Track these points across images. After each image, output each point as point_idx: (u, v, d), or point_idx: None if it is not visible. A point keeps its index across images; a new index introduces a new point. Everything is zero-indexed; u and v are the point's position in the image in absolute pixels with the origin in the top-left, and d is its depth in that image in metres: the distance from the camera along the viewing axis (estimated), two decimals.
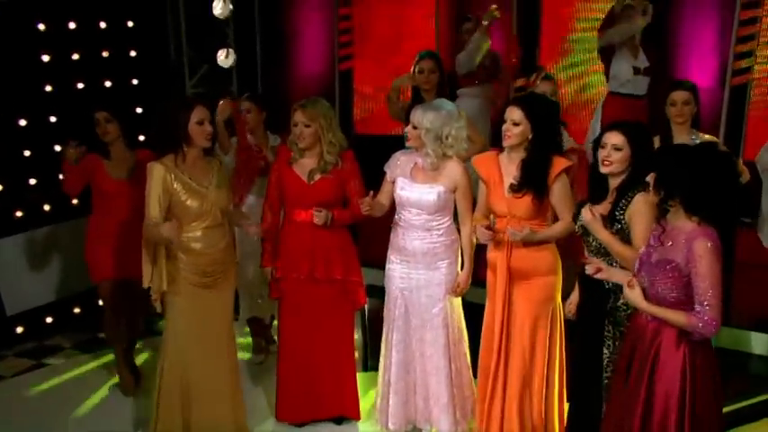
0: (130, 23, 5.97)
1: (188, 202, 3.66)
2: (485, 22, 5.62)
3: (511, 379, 3.67)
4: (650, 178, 2.90)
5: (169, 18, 6.52)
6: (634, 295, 2.89)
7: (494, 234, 3.63)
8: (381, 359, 4.03)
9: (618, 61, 5.48)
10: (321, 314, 4.05)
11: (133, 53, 6.02)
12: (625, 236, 3.27)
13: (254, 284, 4.79)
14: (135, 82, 6.03)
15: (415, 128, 3.75)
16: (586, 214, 3.27)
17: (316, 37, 7.43)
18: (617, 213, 3.28)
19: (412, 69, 4.90)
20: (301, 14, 7.34)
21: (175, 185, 3.65)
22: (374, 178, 4.00)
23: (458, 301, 3.93)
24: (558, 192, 3.60)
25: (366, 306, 4.50)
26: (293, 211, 4.01)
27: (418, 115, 3.74)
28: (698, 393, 2.83)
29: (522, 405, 3.68)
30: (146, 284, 3.71)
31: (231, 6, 6.14)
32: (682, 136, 4.12)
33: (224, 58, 6.26)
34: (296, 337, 4.08)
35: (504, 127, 3.58)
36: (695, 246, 2.75)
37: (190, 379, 3.80)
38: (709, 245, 2.74)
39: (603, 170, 3.35)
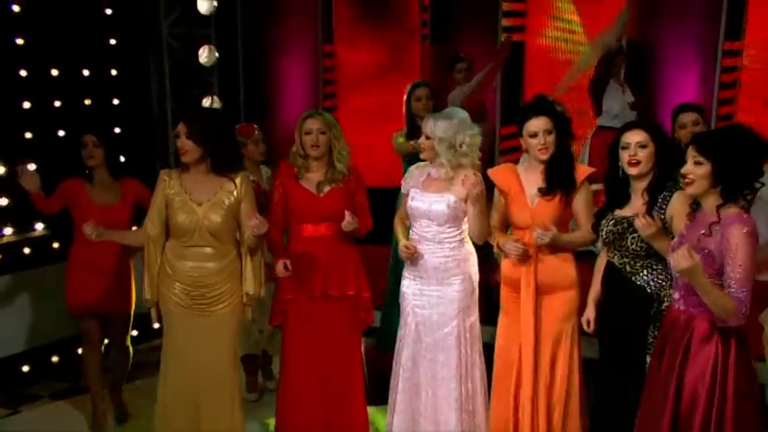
0: (114, 72, 5.91)
1: (177, 216, 3.53)
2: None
3: (538, 397, 3.55)
4: (701, 170, 2.77)
5: (152, 66, 6.48)
6: (693, 260, 2.62)
7: (526, 248, 3.52)
8: (392, 379, 3.88)
9: (609, 97, 5.59)
10: (331, 335, 3.88)
11: (116, 101, 5.95)
12: (669, 234, 3.17)
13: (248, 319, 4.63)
14: (117, 130, 5.94)
15: (428, 138, 3.69)
16: (642, 221, 3.11)
17: (299, 85, 7.44)
18: (656, 214, 3.19)
19: (405, 98, 4.90)
20: (285, 62, 7.36)
21: (171, 196, 3.54)
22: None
23: (475, 322, 3.79)
24: (583, 198, 3.53)
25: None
26: (302, 228, 3.86)
27: (430, 125, 3.68)
28: (730, 392, 2.73)
29: (551, 425, 3.57)
30: (146, 296, 3.60)
31: (217, 54, 6.12)
32: None
33: (209, 106, 6.21)
34: (304, 361, 3.88)
35: (538, 140, 3.49)
36: (730, 231, 2.67)
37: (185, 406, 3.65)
38: (745, 230, 2.66)
39: (632, 171, 3.25)
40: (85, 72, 5.70)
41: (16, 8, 5.21)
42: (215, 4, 6.02)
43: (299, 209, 3.85)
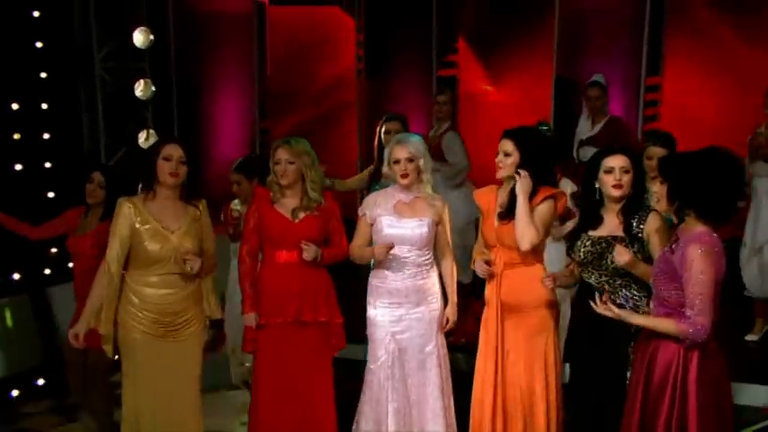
0: (44, 105, 5.77)
1: (147, 244, 3.46)
2: None
3: (512, 414, 3.62)
4: (657, 191, 2.98)
5: (84, 100, 6.36)
6: (614, 314, 2.99)
7: (492, 269, 3.61)
8: (363, 409, 3.86)
9: (579, 134, 5.78)
10: (303, 361, 3.86)
11: (47, 136, 5.80)
12: (644, 253, 3.33)
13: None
14: (48, 165, 5.79)
15: (411, 161, 3.74)
16: (623, 252, 3.25)
17: (234, 119, 7.43)
18: (633, 232, 3.34)
19: (378, 130, 4.92)
20: (219, 96, 7.34)
21: (137, 225, 3.46)
22: None
23: (444, 340, 3.88)
24: (538, 212, 3.56)
25: None
26: (276, 253, 3.84)
27: (409, 147, 3.75)
28: (691, 392, 2.87)
29: None
30: (101, 331, 3.52)
31: (153, 88, 6.06)
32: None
33: (144, 140, 6.13)
34: (277, 388, 3.85)
35: (497, 159, 3.62)
36: (687, 251, 2.82)
37: None
38: (700, 250, 2.80)
39: (616, 194, 3.40)
40: (14, 106, 5.55)
41: None
42: (151, 37, 5.97)
43: (274, 234, 3.84)
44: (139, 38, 5.97)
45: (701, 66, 6.42)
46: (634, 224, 3.38)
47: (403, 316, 3.81)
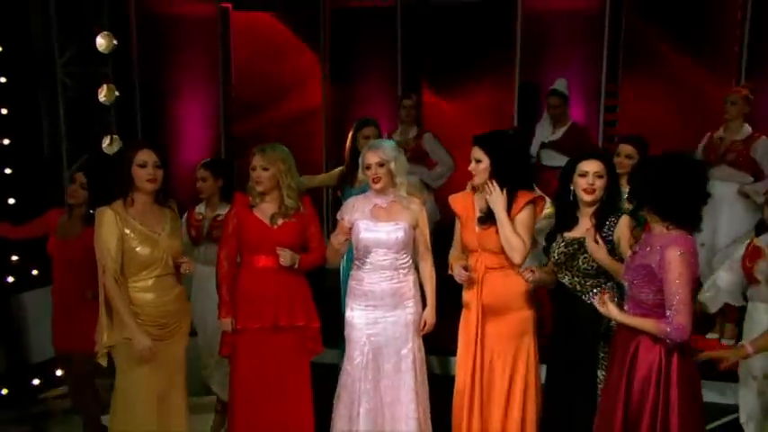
0: (4, 111, 5.67)
1: (138, 249, 3.49)
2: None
3: (492, 415, 3.67)
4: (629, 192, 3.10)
5: (44, 105, 6.26)
6: (608, 309, 3.07)
7: (470, 275, 3.66)
8: (339, 409, 3.89)
9: (538, 138, 5.87)
10: (281, 365, 3.87)
11: (6, 141, 5.68)
12: (614, 255, 3.44)
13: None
14: (8, 171, 5.69)
15: (381, 165, 3.77)
16: (593, 244, 3.39)
17: (198, 124, 7.38)
18: (603, 235, 3.45)
19: (352, 135, 4.98)
20: (184, 101, 7.29)
21: (126, 231, 3.48)
22: None
23: (421, 344, 3.91)
24: (520, 221, 3.63)
25: None
26: (254, 258, 3.85)
27: (381, 151, 3.79)
28: (673, 389, 2.96)
29: None
30: (108, 342, 3.53)
31: (117, 93, 5.99)
32: None
33: (107, 145, 6.04)
34: (253, 392, 3.85)
35: (470, 167, 3.67)
36: (666, 253, 2.91)
37: None
38: (679, 253, 2.90)
39: (588, 198, 3.51)
40: None
41: None
42: (114, 42, 5.90)
43: (252, 239, 3.84)
44: (102, 42, 5.88)
45: (655, 75, 6.59)
46: (605, 227, 3.47)
47: (378, 319, 3.84)
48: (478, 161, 3.64)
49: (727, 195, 5.30)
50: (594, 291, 3.49)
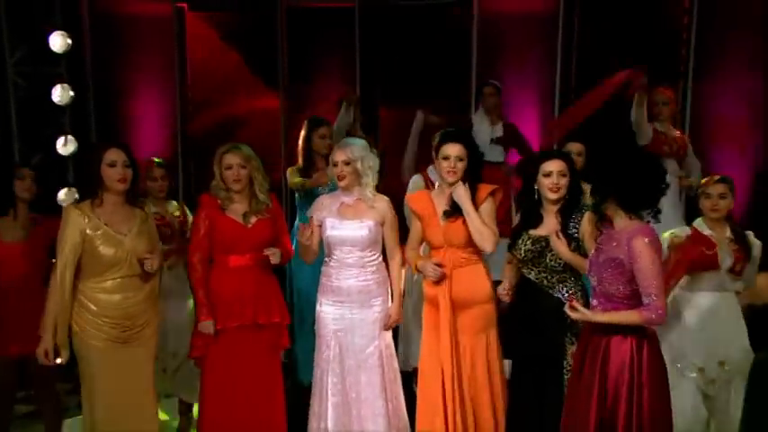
0: None
1: (101, 249, 3.46)
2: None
3: (464, 408, 3.73)
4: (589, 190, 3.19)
5: None
6: (581, 313, 3.13)
7: (444, 271, 3.71)
8: (313, 405, 3.93)
9: (477, 131, 5.95)
10: (256, 362, 3.88)
11: None
12: (581, 250, 3.55)
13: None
14: None
15: (348, 164, 3.80)
16: (557, 240, 3.48)
17: (154, 125, 7.29)
18: (569, 232, 3.55)
19: (305, 135, 5.04)
20: (139, 102, 7.19)
21: (89, 231, 3.45)
22: None
23: (390, 341, 3.96)
24: (485, 211, 3.75)
25: None
26: (228, 258, 3.85)
27: (348, 151, 3.82)
28: (645, 382, 3.05)
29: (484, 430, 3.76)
30: (58, 340, 3.47)
31: (72, 93, 5.89)
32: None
33: (62, 145, 5.94)
34: (227, 391, 3.85)
35: (448, 164, 3.71)
36: (634, 244, 3.01)
37: None
38: (646, 240, 3.01)
39: (553, 197, 3.63)
40: None
41: None
42: (69, 41, 5.80)
43: (227, 240, 3.84)
44: (57, 42, 5.79)
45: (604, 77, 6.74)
46: (571, 224, 3.58)
47: (345, 315, 3.89)
48: (461, 159, 3.72)
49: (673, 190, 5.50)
50: (565, 293, 3.63)
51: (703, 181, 4.21)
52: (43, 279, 3.99)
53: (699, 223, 4.07)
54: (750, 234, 4.07)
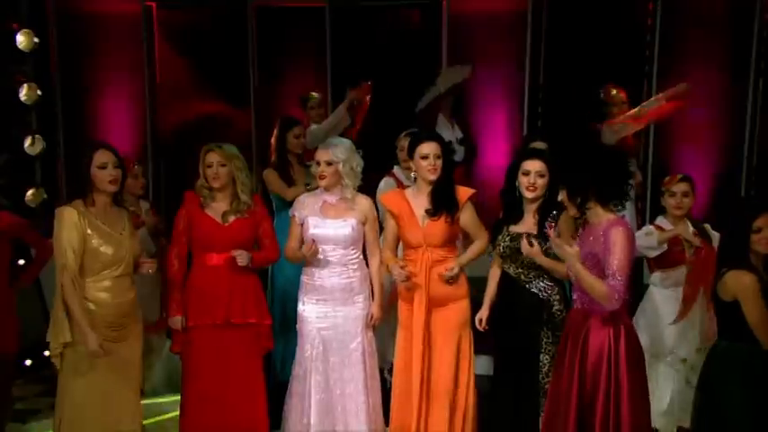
0: None
1: (102, 249, 3.48)
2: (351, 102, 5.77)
3: (438, 404, 3.79)
4: (563, 196, 3.27)
5: None
6: (561, 249, 3.24)
7: (412, 275, 3.77)
8: (292, 402, 3.97)
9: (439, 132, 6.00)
10: (233, 362, 3.90)
11: None
12: (549, 252, 3.58)
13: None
14: None
15: (330, 164, 3.83)
16: (527, 246, 3.55)
17: (123, 124, 7.23)
18: (544, 231, 3.60)
19: (278, 134, 5.07)
20: (107, 101, 7.13)
21: (89, 230, 3.46)
22: None
23: (372, 337, 4.00)
24: (469, 216, 3.86)
25: None
26: (205, 256, 3.87)
27: (331, 151, 3.85)
28: (623, 371, 3.15)
29: (453, 427, 3.82)
30: (49, 339, 3.51)
31: (39, 92, 5.82)
32: None
33: (29, 145, 5.87)
34: (206, 389, 3.87)
35: (429, 162, 3.77)
36: (610, 232, 3.13)
37: None
38: (621, 230, 3.13)
39: (529, 195, 3.71)
40: None
41: None
42: (36, 39, 5.73)
43: (204, 237, 3.85)
44: (23, 40, 5.71)
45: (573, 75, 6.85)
46: (547, 224, 3.66)
47: (328, 313, 3.93)
48: (438, 157, 3.82)
49: None
50: (542, 288, 3.72)
51: (666, 180, 4.39)
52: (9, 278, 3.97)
53: (661, 220, 4.28)
54: (707, 226, 4.30)
